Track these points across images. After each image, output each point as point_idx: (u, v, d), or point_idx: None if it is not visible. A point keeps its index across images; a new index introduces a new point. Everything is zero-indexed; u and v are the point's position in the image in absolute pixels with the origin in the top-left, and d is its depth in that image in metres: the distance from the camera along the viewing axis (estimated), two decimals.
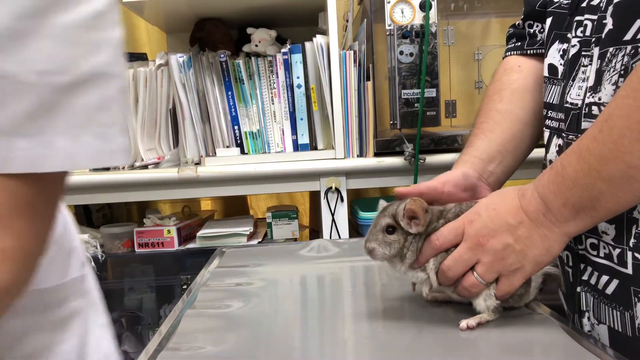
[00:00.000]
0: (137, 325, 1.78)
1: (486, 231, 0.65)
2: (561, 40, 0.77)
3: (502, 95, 0.88)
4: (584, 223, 0.63)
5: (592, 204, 0.61)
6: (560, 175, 0.63)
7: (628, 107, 0.57)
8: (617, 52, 0.64)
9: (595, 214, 0.62)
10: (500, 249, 0.65)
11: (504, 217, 0.65)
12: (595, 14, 0.69)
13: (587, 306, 0.71)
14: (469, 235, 0.67)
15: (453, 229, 0.68)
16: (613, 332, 0.67)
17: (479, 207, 0.68)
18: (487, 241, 0.65)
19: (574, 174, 0.61)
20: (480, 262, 0.66)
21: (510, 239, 0.64)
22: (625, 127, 0.57)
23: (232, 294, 0.85)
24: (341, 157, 1.67)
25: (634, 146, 0.57)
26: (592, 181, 0.60)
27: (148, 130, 1.78)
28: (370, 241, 0.70)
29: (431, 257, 0.69)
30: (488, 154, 0.83)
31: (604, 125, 0.60)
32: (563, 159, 0.64)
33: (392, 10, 1.58)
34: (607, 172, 0.59)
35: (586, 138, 0.62)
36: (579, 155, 0.61)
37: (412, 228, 0.69)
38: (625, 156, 0.57)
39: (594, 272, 0.70)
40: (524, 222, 0.64)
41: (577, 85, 0.71)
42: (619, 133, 0.58)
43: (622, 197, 0.60)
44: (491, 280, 0.67)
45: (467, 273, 0.67)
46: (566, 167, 0.62)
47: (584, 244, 0.70)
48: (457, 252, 0.67)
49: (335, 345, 0.67)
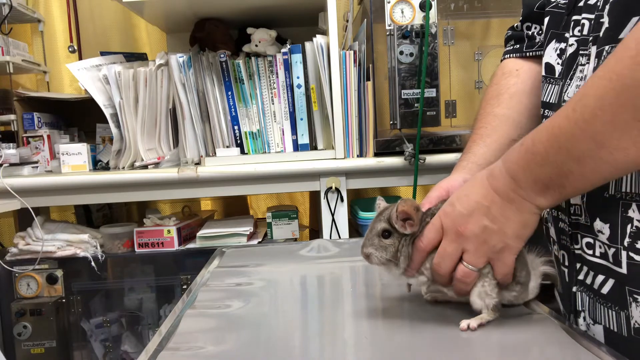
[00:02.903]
0: (137, 325, 1.78)
1: (461, 219, 0.66)
2: (558, 40, 0.77)
3: (500, 99, 0.88)
4: (553, 199, 0.63)
5: (561, 182, 0.61)
6: (530, 152, 0.62)
7: (602, 88, 0.57)
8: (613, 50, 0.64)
9: (564, 191, 0.62)
10: (479, 232, 0.65)
11: (475, 200, 0.66)
12: (592, 13, 0.69)
13: (583, 306, 0.71)
14: (447, 227, 0.67)
15: (432, 226, 0.69)
16: (608, 332, 0.67)
17: (452, 198, 0.69)
18: (465, 228, 0.65)
19: (544, 151, 0.61)
20: (466, 251, 0.66)
21: (485, 221, 0.65)
22: (598, 108, 0.57)
23: (232, 294, 0.85)
24: (341, 157, 1.67)
25: (605, 127, 0.56)
26: (562, 159, 0.60)
27: (148, 130, 1.78)
28: (366, 246, 0.71)
29: (422, 260, 0.70)
30: (486, 160, 0.83)
31: (577, 104, 0.59)
32: (534, 135, 0.63)
33: (392, 10, 1.58)
34: (578, 151, 0.58)
35: (559, 116, 0.61)
36: (550, 133, 0.61)
37: (407, 229, 0.69)
38: (597, 136, 0.57)
39: (589, 272, 0.70)
40: (496, 201, 0.64)
41: (575, 84, 0.71)
42: (591, 113, 0.57)
43: (589, 177, 0.60)
44: (481, 266, 0.67)
45: (458, 265, 0.68)
46: (536, 144, 0.62)
47: (580, 243, 0.70)
48: (441, 247, 0.68)
49: (335, 345, 0.67)
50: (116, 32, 2.32)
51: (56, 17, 2.25)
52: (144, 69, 1.75)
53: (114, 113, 1.79)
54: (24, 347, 1.65)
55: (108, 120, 1.78)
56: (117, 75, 1.76)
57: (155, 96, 1.76)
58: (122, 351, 1.76)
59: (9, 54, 1.89)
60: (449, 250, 0.67)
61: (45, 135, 1.87)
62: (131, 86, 1.75)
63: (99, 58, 1.90)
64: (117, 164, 1.81)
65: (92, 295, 1.75)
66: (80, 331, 1.74)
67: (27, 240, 1.69)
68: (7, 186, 1.61)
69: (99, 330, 1.75)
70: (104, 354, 1.76)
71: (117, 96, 1.77)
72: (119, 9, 2.25)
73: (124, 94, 1.76)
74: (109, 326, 1.75)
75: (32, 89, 2.24)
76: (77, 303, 1.72)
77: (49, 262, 1.67)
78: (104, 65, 1.82)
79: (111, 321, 1.76)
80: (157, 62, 1.75)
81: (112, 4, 2.22)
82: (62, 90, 2.26)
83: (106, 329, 1.76)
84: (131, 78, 1.75)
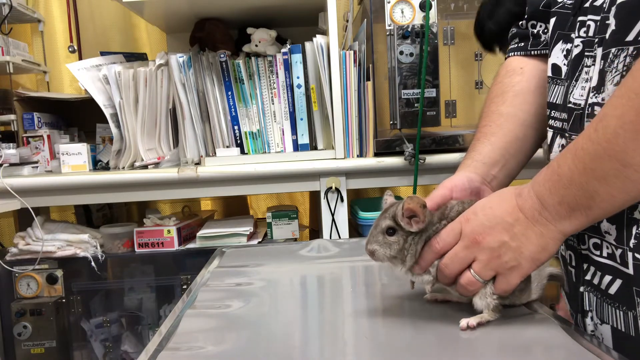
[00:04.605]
0: (137, 325, 1.78)
1: (482, 229, 0.66)
2: (565, 40, 0.77)
3: (505, 97, 0.87)
4: (579, 222, 0.63)
5: (587, 203, 0.61)
6: (556, 174, 0.63)
7: (622, 107, 0.57)
8: (620, 52, 0.64)
9: (590, 212, 0.62)
10: (496, 246, 0.65)
11: (500, 215, 0.65)
12: (598, 15, 0.69)
13: (590, 306, 0.71)
14: (465, 233, 0.67)
15: (451, 230, 0.68)
16: (616, 332, 0.67)
17: (476, 207, 0.68)
18: (483, 239, 0.65)
19: (569, 173, 0.61)
20: (477, 260, 0.66)
21: (506, 237, 0.65)
22: (619, 127, 0.57)
23: (232, 294, 0.85)
24: (341, 157, 1.67)
25: (627, 145, 0.57)
26: (587, 180, 0.60)
27: (148, 130, 1.78)
28: (371, 243, 0.70)
29: (433, 261, 0.70)
30: (491, 158, 0.83)
31: (598, 124, 0.60)
32: (559, 157, 0.64)
33: (392, 10, 1.58)
34: (602, 171, 0.59)
35: (582, 137, 0.62)
36: (574, 154, 0.62)
37: (412, 227, 0.69)
38: (619, 155, 0.57)
39: (596, 272, 0.69)
40: (520, 220, 0.64)
41: (580, 86, 0.71)
42: (613, 132, 0.58)
43: (616, 197, 0.60)
44: (488, 278, 0.67)
45: (464, 271, 0.67)
46: (562, 166, 0.63)
47: (587, 243, 0.70)
48: (453, 250, 0.68)
49: (335, 345, 0.67)
50: (116, 32, 2.32)
51: (56, 17, 2.25)
52: (144, 69, 1.75)
53: (114, 113, 1.79)
54: (24, 347, 1.65)
55: (108, 120, 1.78)
56: (117, 75, 1.76)
57: (155, 96, 1.76)
58: (122, 351, 1.76)
59: (9, 54, 1.89)
60: (461, 255, 0.67)
61: (45, 135, 1.87)
62: (131, 86, 1.75)
63: (99, 58, 1.90)
64: (117, 164, 1.81)
65: (92, 295, 1.75)
66: (80, 331, 1.74)
67: (27, 240, 1.69)
68: (7, 186, 1.61)
69: (99, 330, 1.75)
70: (104, 354, 1.76)
71: (117, 96, 1.77)
72: (119, 9, 2.25)
73: (124, 94, 1.76)
74: (109, 326, 1.75)
75: (32, 89, 2.24)
76: (77, 303, 1.72)
77: (49, 262, 1.67)
78: (104, 65, 1.82)
79: (111, 321, 1.76)
80: (157, 62, 1.75)
81: (112, 4, 2.22)
82: (62, 90, 2.26)
83: (106, 329, 1.75)
84: (131, 78, 1.75)
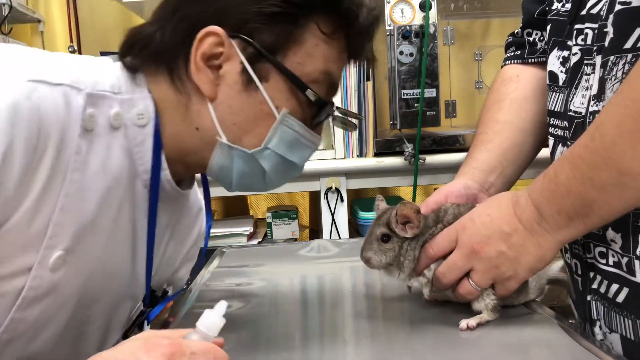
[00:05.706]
0: None
1: (479, 238, 0.66)
2: (560, 47, 0.77)
3: (501, 105, 0.87)
4: (577, 230, 0.63)
5: (585, 212, 0.61)
6: (553, 183, 0.63)
7: (619, 115, 0.57)
8: (618, 60, 0.63)
9: (588, 220, 0.62)
10: (494, 256, 0.65)
11: (497, 224, 0.65)
12: (595, 23, 0.68)
13: (598, 315, 0.70)
14: (462, 242, 0.67)
15: (446, 236, 0.68)
16: (626, 340, 0.67)
17: (473, 214, 0.68)
18: (481, 248, 0.65)
19: (567, 182, 0.61)
20: (475, 270, 0.66)
21: (503, 247, 0.65)
22: (617, 135, 0.57)
23: (232, 294, 0.85)
24: (341, 157, 1.67)
25: (625, 154, 0.56)
26: (585, 189, 0.60)
27: None
28: (366, 250, 0.71)
29: (427, 265, 0.70)
30: (488, 165, 0.82)
31: (595, 133, 0.59)
32: (556, 166, 0.64)
33: (392, 10, 1.58)
34: (600, 180, 0.59)
35: (579, 146, 0.61)
36: (571, 163, 0.61)
37: (407, 232, 0.69)
38: (617, 164, 0.57)
39: (603, 281, 0.69)
40: (518, 230, 0.64)
41: (581, 94, 0.70)
42: (611, 141, 0.57)
43: (614, 205, 0.60)
44: (485, 287, 0.67)
45: (462, 280, 0.68)
46: (559, 175, 0.62)
47: (593, 252, 0.70)
48: (450, 259, 0.67)
49: (335, 345, 0.67)
50: (116, 32, 2.31)
51: (56, 17, 2.25)
52: None
53: None
54: None
55: None
56: None
57: None
58: None
59: None
60: (459, 264, 0.67)
61: None
62: None
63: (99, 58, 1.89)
64: None
65: None
66: None
67: None
68: None
69: None
70: None
71: None
72: (119, 9, 2.25)
73: None
74: None
75: None
76: None
77: None
78: None
79: None
80: None
81: (112, 4, 2.22)
82: None
83: None
84: None
